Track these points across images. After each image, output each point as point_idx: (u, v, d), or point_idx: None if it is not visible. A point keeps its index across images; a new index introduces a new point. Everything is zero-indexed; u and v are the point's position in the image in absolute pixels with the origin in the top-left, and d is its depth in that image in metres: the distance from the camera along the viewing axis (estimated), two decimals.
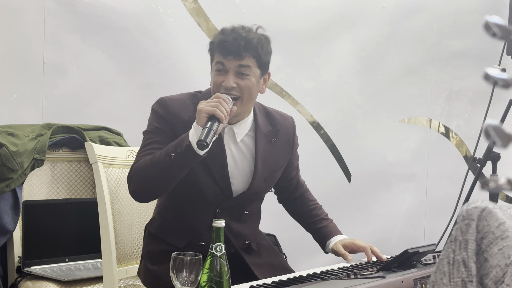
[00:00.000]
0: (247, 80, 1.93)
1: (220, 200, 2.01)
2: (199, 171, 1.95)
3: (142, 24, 3.34)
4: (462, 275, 0.84)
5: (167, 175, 1.85)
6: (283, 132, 2.13)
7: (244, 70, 1.92)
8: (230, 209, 2.03)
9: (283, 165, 2.15)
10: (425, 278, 1.70)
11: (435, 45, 4.16)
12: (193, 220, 2.01)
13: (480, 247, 0.86)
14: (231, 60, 1.91)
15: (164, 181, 1.87)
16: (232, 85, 1.90)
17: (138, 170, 1.89)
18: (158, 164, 1.83)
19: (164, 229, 2.06)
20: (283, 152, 2.13)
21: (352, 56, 3.94)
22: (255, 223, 2.17)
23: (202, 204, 2.00)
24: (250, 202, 2.08)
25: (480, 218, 0.86)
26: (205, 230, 1.97)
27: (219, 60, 1.93)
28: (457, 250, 0.86)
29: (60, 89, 3.18)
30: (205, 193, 1.98)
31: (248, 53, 1.92)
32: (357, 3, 3.90)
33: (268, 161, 2.05)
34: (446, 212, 3.32)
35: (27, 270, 2.63)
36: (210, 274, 1.53)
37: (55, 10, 3.14)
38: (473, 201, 0.89)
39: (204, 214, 2.00)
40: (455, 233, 0.87)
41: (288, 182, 2.24)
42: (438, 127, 4.24)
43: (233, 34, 1.92)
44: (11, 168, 2.65)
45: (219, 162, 1.98)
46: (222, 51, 1.91)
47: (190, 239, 2.00)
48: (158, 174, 1.84)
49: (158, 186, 1.89)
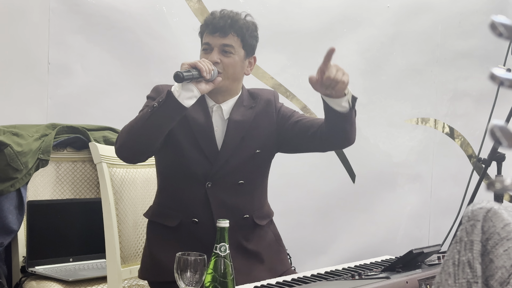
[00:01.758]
0: (230, 58, 2.01)
1: (208, 172, 2.02)
2: (188, 147, 2.01)
3: (147, 24, 3.35)
4: (467, 276, 0.84)
5: (150, 126, 1.88)
6: (264, 99, 2.15)
7: (228, 48, 2.01)
8: (221, 180, 2.03)
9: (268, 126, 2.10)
10: (430, 279, 1.69)
11: (439, 45, 4.15)
12: (185, 198, 2.04)
13: (486, 248, 0.85)
14: (216, 37, 2.00)
15: (147, 133, 1.89)
16: (215, 60, 1.98)
17: (124, 128, 1.95)
18: (142, 117, 1.89)
19: (158, 212, 2.10)
20: (266, 114, 2.12)
21: (356, 56, 3.93)
22: (256, 196, 2.13)
23: (192, 180, 2.02)
24: (241, 168, 2.05)
25: (485, 219, 0.86)
26: (197, 206, 2.02)
27: (206, 41, 2.03)
28: (463, 251, 0.85)
29: (64, 89, 3.18)
30: (194, 168, 2.01)
31: (233, 32, 2.02)
32: (362, 3, 3.90)
33: (245, 122, 2.06)
34: (451, 212, 3.31)
35: (32, 270, 2.64)
36: (215, 274, 1.53)
37: (60, 10, 3.14)
38: (478, 201, 0.88)
39: (195, 190, 2.02)
40: (460, 234, 0.87)
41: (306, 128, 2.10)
42: (442, 127, 4.23)
43: (220, 14, 2.04)
44: (15, 168, 2.66)
45: (207, 137, 2.03)
46: (209, 29, 2.02)
47: (183, 218, 2.04)
48: (142, 126, 1.88)
49: (141, 140, 1.90)
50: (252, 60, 2.11)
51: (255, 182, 2.13)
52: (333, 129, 2.00)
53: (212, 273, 1.54)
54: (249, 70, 2.10)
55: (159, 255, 2.05)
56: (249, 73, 2.11)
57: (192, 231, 2.03)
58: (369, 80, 3.97)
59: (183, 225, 2.03)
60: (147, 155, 1.99)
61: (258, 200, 2.14)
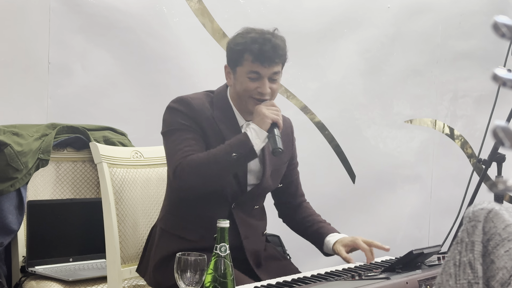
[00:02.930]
0: (276, 84, 2.06)
1: (236, 195, 2.06)
2: None
3: (147, 24, 3.35)
4: (468, 276, 0.84)
5: (226, 173, 1.95)
6: (284, 130, 2.16)
7: (276, 76, 2.05)
8: (244, 204, 2.10)
9: (286, 161, 2.22)
10: (430, 280, 1.70)
11: (440, 46, 4.15)
12: (209, 215, 2.02)
13: (487, 249, 0.85)
14: (266, 67, 2.00)
15: (220, 179, 1.97)
16: (268, 91, 2.02)
17: (192, 167, 1.93)
18: (219, 163, 1.91)
19: (178, 225, 2.08)
20: (285, 148, 2.14)
21: (356, 57, 3.93)
22: (264, 219, 2.25)
23: (219, 199, 2.05)
24: (260, 197, 2.17)
25: (486, 219, 0.86)
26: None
27: (255, 70, 2.00)
28: (464, 251, 0.85)
29: (64, 89, 3.18)
30: (224, 188, 2.03)
31: (279, 60, 2.04)
32: (362, 3, 3.90)
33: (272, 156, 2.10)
34: (451, 213, 3.31)
35: (31, 270, 2.63)
36: (215, 274, 1.53)
37: (60, 10, 3.14)
38: (479, 202, 0.88)
39: (220, 208, 2.05)
40: (462, 235, 0.87)
41: (288, 180, 2.28)
42: (442, 128, 4.23)
43: (267, 42, 2.00)
44: (15, 168, 2.66)
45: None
46: (258, 59, 1.99)
47: (205, 233, 2.02)
48: (218, 172, 1.93)
49: (213, 183, 1.97)
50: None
51: (263, 207, 2.25)
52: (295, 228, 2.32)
53: (212, 273, 1.54)
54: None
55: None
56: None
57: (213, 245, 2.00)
58: (369, 80, 3.97)
59: (206, 240, 2.00)
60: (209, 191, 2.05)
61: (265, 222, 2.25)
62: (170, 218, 2.11)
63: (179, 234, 2.07)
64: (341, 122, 3.91)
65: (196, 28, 3.48)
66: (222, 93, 2.11)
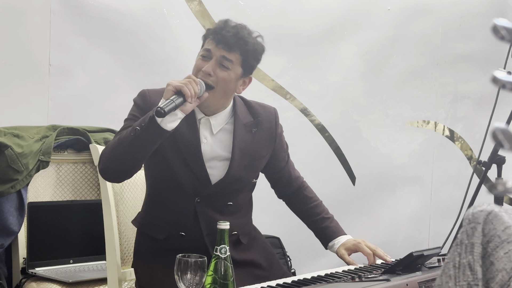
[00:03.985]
0: (225, 72, 1.94)
1: (198, 189, 1.99)
2: (175, 161, 1.97)
3: (148, 26, 3.35)
4: (468, 278, 0.84)
5: (132, 151, 1.86)
6: (265, 122, 2.10)
7: (226, 63, 1.94)
8: (211, 199, 2.00)
9: (266, 154, 2.11)
10: (430, 281, 1.70)
11: (440, 48, 4.16)
12: (173, 211, 2.01)
13: (486, 251, 0.85)
14: (219, 48, 1.93)
15: (129, 157, 1.88)
16: (209, 71, 1.92)
17: (106, 149, 1.93)
18: (124, 140, 1.86)
19: (147, 222, 2.07)
20: (265, 142, 2.10)
21: (357, 59, 3.94)
22: (244, 217, 2.12)
23: (181, 194, 1.99)
24: (231, 191, 2.04)
25: (486, 221, 0.86)
26: (185, 220, 1.99)
27: (208, 47, 1.95)
28: (463, 253, 0.86)
29: (65, 90, 3.19)
30: (182, 183, 1.97)
31: (238, 50, 1.94)
32: (362, 5, 3.90)
33: (247, 149, 2.03)
34: (451, 215, 3.31)
35: (32, 271, 2.64)
36: (215, 276, 1.53)
37: (61, 12, 3.15)
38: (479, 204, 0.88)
39: (183, 204, 1.99)
40: (461, 237, 0.87)
41: (278, 174, 2.20)
42: (443, 130, 4.23)
43: (233, 29, 1.96)
44: (16, 170, 2.66)
45: (194, 151, 1.97)
46: (216, 37, 1.94)
47: (170, 231, 2.00)
48: (124, 150, 1.86)
49: (124, 163, 1.89)
50: (247, 80, 2.04)
51: (242, 202, 2.11)
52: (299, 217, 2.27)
53: (213, 275, 1.54)
54: (241, 89, 2.03)
55: (148, 267, 2.03)
56: (241, 91, 2.04)
57: (179, 244, 1.97)
58: (370, 82, 3.98)
59: (171, 238, 2.00)
60: (132, 174, 1.97)
61: (244, 218, 2.12)
62: (142, 216, 2.10)
63: (148, 232, 2.06)
64: (341, 124, 3.91)
65: (197, 30, 3.48)
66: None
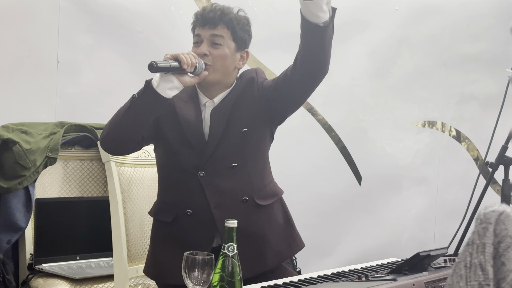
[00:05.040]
0: (219, 49, 1.98)
1: (198, 161, 1.98)
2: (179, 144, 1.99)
3: (155, 24, 3.36)
4: (479, 278, 0.84)
5: (129, 117, 1.89)
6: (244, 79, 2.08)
7: (217, 39, 1.98)
8: (213, 167, 1.99)
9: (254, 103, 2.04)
10: (437, 282, 1.70)
11: (447, 48, 4.15)
12: (180, 192, 2.01)
13: (497, 251, 0.86)
14: (206, 29, 1.98)
15: (126, 125, 1.91)
16: (204, 52, 1.96)
17: (108, 122, 1.97)
18: (122, 108, 1.92)
19: (158, 209, 2.08)
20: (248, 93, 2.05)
21: (364, 59, 3.93)
22: (254, 177, 2.05)
23: (185, 174, 1.99)
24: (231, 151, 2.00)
25: (497, 221, 0.86)
26: (192, 197, 1.99)
27: (197, 33, 2.01)
28: (474, 253, 0.86)
29: (73, 87, 3.20)
30: (185, 163, 1.98)
31: (222, 23, 1.98)
32: (370, 5, 3.90)
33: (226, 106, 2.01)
34: (457, 216, 3.31)
35: (39, 268, 2.65)
36: (222, 274, 1.54)
37: (69, 9, 3.16)
38: (490, 204, 0.89)
39: (188, 182, 2.00)
40: (473, 237, 0.87)
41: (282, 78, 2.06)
42: (449, 131, 4.23)
43: (211, 7, 2.02)
44: (24, 166, 2.67)
45: (196, 132, 1.99)
46: (199, 21, 2.00)
47: (178, 211, 2.01)
48: (122, 117, 1.90)
49: (121, 131, 1.92)
50: (244, 54, 2.06)
51: (250, 163, 2.04)
52: (309, 48, 1.95)
53: (220, 273, 1.54)
54: (241, 64, 2.05)
55: (159, 254, 2.05)
56: (241, 66, 2.06)
57: (187, 223, 1.99)
58: (376, 82, 3.97)
59: (178, 218, 2.00)
60: (130, 147, 1.99)
61: (258, 180, 2.06)
62: (156, 204, 2.10)
63: (158, 217, 2.07)
64: (347, 123, 3.91)
65: None
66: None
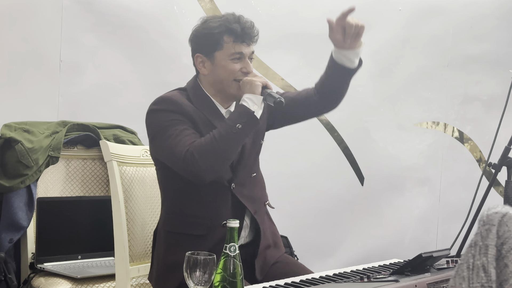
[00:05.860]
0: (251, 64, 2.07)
1: (233, 176, 2.04)
2: None
3: (158, 23, 3.36)
4: (481, 280, 0.84)
5: (235, 147, 1.93)
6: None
7: (252, 56, 2.07)
8: (241, 177, 2.06)
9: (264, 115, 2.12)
10: (439, 283, 1.69)
11: (451, 49, 4.15)
12: (212, 204, 2.02)
13: (500, 253, 0.85)
14: (245, 46, 2.03)
15: (231, 154, 1.94)
16: (250, 70, 2.04)
17: (202, 150, 1.89)
18: (225, 139, 1.89)
19: (183, 222, 2.04)
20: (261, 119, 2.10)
21: (367, 59, 3.89)
22: (263, 186, 2.21)
23: (217, 185, 2.01)
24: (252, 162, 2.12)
25: (500, 223, 0.86)
26: (226, 208, 2.02)
27: (239, 50, 2.02)
28: (477, 255, 0.85)
29: (76, 87, 3.20)
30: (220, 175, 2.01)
31: (256, 39, 2.07)
32: (373, 6, 3.89)
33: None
34: (459, 217, 3.30)
35: (40, 267, 2.65)
36: (224, 274, 1.53)
37: (73, 8, 3.16)
38: (493, 206, 0.88)
39: (221, 194, 2.03)
40: (475, 238, 0.87)
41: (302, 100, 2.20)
42: (452, 132, 4.22)
43: (244, 21, 2.05)
44: (26, 165, 2.67)
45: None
46: (240, 38, 2.01)
47: (211, 224, 2.01)
48: (227, 147, 1.90)
49: (227, 160, 1.95)
50: None
51: (259, 169, 2.18)
52: (335, 87, 2.16)
53: (222, 273, 1.54)
54: None
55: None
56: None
57: (222, 235, 1.95)
58: (380, 83, 3.97)
59: (212, 231, 2.00)
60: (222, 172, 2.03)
61: (263, 184, 2.21)
62: (175, 217, 2.06)
63: (187, 231, 2.03)
64: (350, 124, 3.91)
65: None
66: (196, 85, 2.09)
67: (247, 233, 2.10)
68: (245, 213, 2.07)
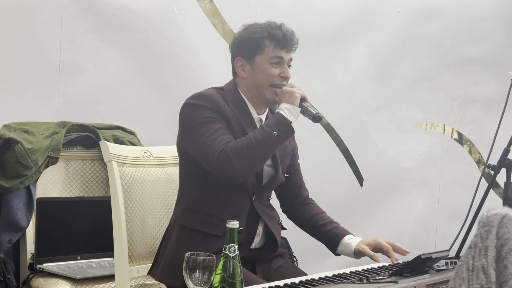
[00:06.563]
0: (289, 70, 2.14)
1: (255, 188, 2.09)
2: None
3: (158, 24, 3.36)
4: (481, 281, 0.84)
5: (268, 154, 1.99)
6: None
7: (291, 63, 2.13)
8: (261, 196, 2.13)
9: (290, 151, 2.25)
10: (438, 284, 1.69)
11: (450, 50, 4.15)
12: (232, 209, 2.05)
13: (500, 254, 0.85)
14: (285, 52, 2.09)
15: (264, 160, 2.00)
16: (289, 75, 2.11)
17: (239, 151, 1.94)
18: (261, 144, 1.94)
19: (202, 220, 2.06)
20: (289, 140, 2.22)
21: (366, 60, 3.93)
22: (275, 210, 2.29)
23: (240, 193, 2.06)
24: (272, 189, 2.22)
25: (500, 224, 0.86)
26: (244, 216, 2.07)
27: (279, 55, 2.08)
28: (477, 256, 0.85)
29: (75, 87, 3.20)
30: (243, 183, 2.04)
31: (295, 47, 2.13)
32: (373, 7, 3.90)
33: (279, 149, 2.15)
34: (458, 218, 3.31)
35: (40, 267, 2.65)
36: (223, 274, 1.54)
37: (72, 9, 3.16)
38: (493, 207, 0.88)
39: (241, 202, 2.08)
40: (475, 240, 0.87)
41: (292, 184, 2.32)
42: (451, 133, 4.23)
43: (285, 28, 2.10)
44: (25, 165, 2.67)
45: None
46: (281, 44, 2.07)
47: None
48: (261, 153, 1.95)
49: (259, 165, 2.01)
50: None
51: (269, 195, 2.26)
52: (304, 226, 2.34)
53: (221, 274, 1.54)
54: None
55: None
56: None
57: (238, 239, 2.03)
58: (379, 84, 3.97)
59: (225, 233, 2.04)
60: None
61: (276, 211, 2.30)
62: (192, 214, 2.08)
63: (204, 230, 2.05)
64: (349, 125, 3.91)
65: (207, 29, 3.49)
66: (233, 88, 2.13)
67: (259, 240, 2.17)
68: (258, 223, 2.13)
